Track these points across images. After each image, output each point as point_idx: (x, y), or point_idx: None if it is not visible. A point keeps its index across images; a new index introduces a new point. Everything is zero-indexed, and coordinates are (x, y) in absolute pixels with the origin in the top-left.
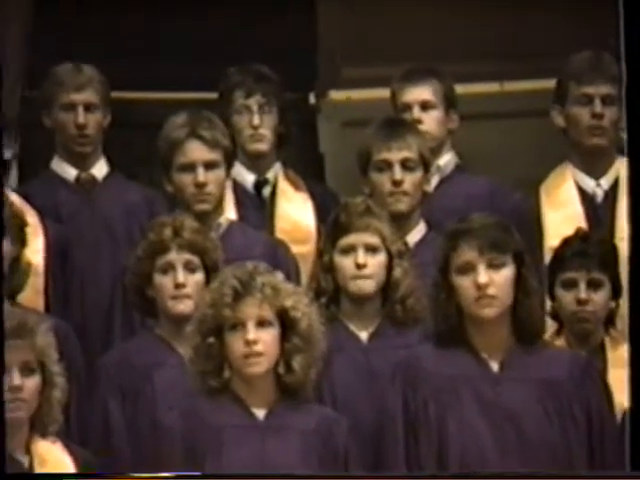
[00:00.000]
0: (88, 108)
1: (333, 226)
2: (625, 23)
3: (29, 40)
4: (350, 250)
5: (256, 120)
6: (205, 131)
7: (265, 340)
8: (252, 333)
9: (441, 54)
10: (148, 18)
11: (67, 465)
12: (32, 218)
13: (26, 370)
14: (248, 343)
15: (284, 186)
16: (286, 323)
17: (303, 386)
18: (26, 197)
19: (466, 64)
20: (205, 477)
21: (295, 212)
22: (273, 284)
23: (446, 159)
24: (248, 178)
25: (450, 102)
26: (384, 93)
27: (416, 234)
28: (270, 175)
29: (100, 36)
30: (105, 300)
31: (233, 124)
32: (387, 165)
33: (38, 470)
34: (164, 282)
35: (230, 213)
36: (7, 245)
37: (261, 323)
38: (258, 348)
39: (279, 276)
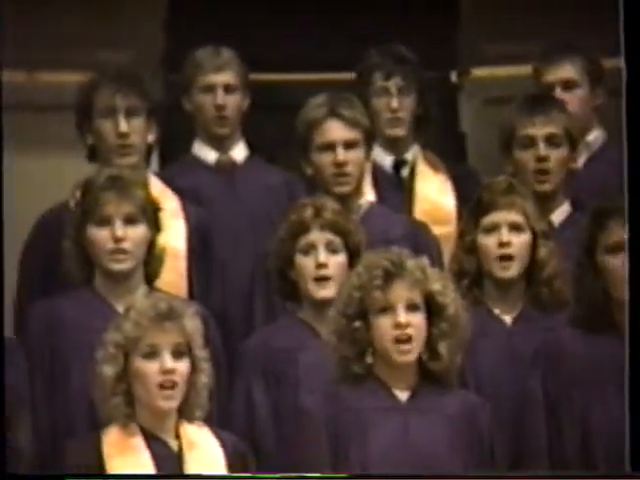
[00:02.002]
0: (227, 90)
1: (476, 206)
2: (625, 23)
3: (167, 25)
4: (493, 229)
5: (395, 103)
6: (345, 110)
7: (415, 324)
8: (403, 316)
9: (584, 28)
10: None
11: (215, 449)
12: (173, 202)
13: (177, 353)
14: (399, 326)
15: (423, 167)
16: (432, 308)
17: (448, 372)
18: (167, 181)
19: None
20: (218, 478)
21: (434, 193)
22: (422, 268)
23: (594, 135)
24: (386, 159)
25: (595, 78)
26: (526, 70)
27: (561, 214)
28: (409, 156)
29: (238, 18)
30: (246, 284)
31: (371, 106)
32: (531, 141)
33: (188, 454)
34: (306, 263)
35: (369, 195)
36: (143, 230)
37: (410, 307)
38: (409, 332)
39: (425, 260)
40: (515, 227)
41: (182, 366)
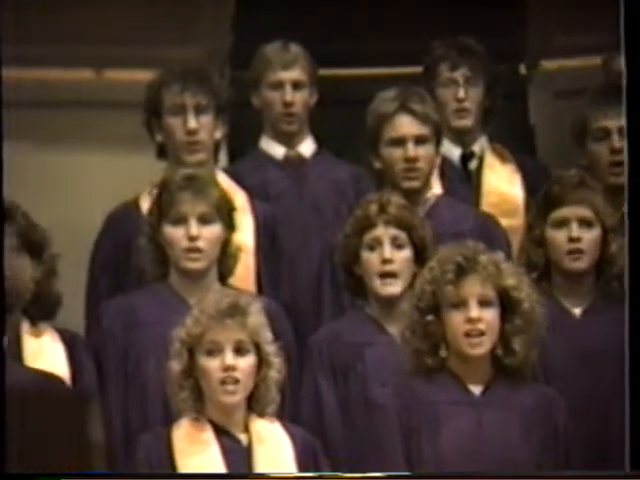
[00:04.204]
0: (295, 86)
1: (545, 199)
2: (625, 23)
3: (234, 21)
4: (563, 224)
5: (461, 93)
6: (416, 105)
7: (487, 319)
8: (475, 311)
9: None
10: None
11: (285, 443)
12: (241, 198)
13: (240, 350)
14: (470, 321)
15: (491, 159)
16: (506, 303)
17: (522, 367)
18: (236, 177)
19: None
20: (210, 477)
21: (503, 185)
22: (496, 263)
23: None
24: (454, 151)
25: None
26: (596, 61)
27: None
28: (476, 148)
29: (305, 13)
30: (314, 279)
31: (438, 97)
32: (605, 134)
33: (257, 448)
34: (371, 259)
35: (436, 188)
36: (217, 229)
37: (483, 302)
38: (481, 327)
39: (500, 255)
40: (585, 222)
41: (245, 362)
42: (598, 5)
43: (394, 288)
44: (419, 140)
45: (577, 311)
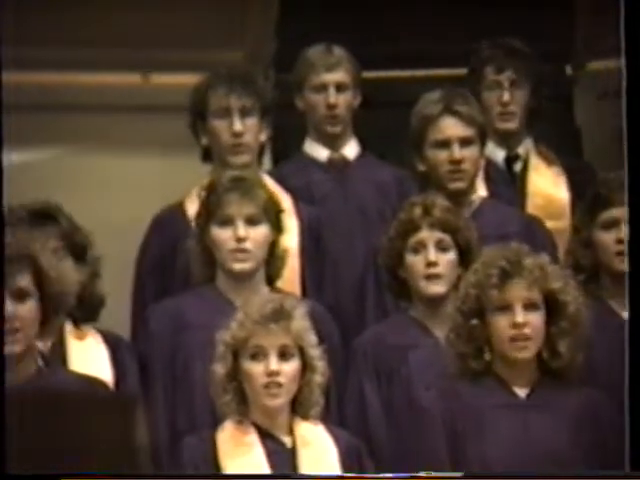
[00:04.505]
0: (339, 88)
1: (592, 201)
2: (625, 23)
3: (279, 25)
4: (612, 225)
5: (506, 97)
6: (461, 107)
7: (533, 323)
8: (520, 316)
9: None
10: None
11: (329, 446)
12: (285, 201)
13: (284, 355)
14: (516, 326)
15: (536, 161)
16: (552, 306)
17: (568, 370)
18: (280, 179)
19: None
20: (201, 477)
21: (548, 187)
22: (541, 265)
23: None
24: (499, 154)
25: None
26: None
27: None
28: (521, 150)
29: (348, 15)
30: (358, 281)
31: (483, 100)
32: None
33: (301, 451)
34: (416, 262)
35: (481, 190)
36: (264, 231)
37: (528, 306)
38: (526, 331)
39: (545, 258)
40: None
41: (289, 367)
42: None
43: (439, 287)
44: (464, 142)
45: (626, 313)
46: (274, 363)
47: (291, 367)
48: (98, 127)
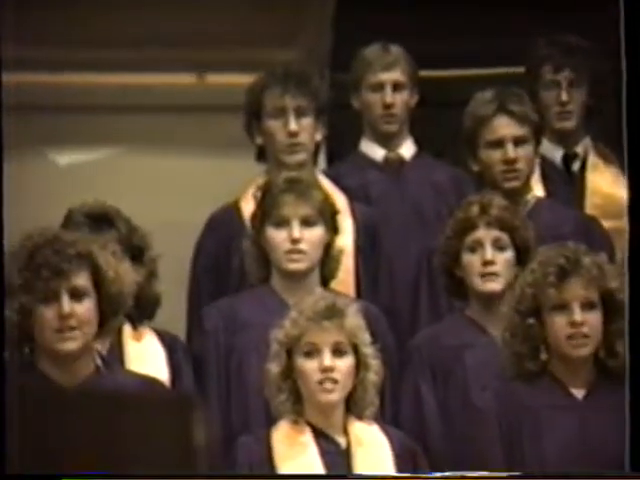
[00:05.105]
0: (396, 87)
1: None
2: (625, 23)
3: (335, 24)
4: None
5: (564, 96)
6: (514, 106)
7: (591, 322)
8: (578, 315)
9: None
10: None
11: (384, 446)
12: (340, 200)
13: (338, 352)
14: (574, 325)
15: (594, 160)
16: (609, 306)
17: (625, 370)
18: (335, 179)
19: None
20: (204, 477)
21: (607, 186)
22: (599, 264)
23: None
24: (556, 153)
25: None
26: None
27: None
28: (579, 149)
29: (404, 14)
30: (412, 281)
31: (540, 99)
32: None
33: (356, 450)
34: (472, 260)
35: (537, 190)
36: (320, 232)
37: (586, 305)
38: (584, 330)
39: (603, 256)
40: None
41: (343, 364)
42: None
43: (495, 285)
44: (518, 141)
45: None
46: (328, 359)
47: (345, 364)
48: (153, 128)
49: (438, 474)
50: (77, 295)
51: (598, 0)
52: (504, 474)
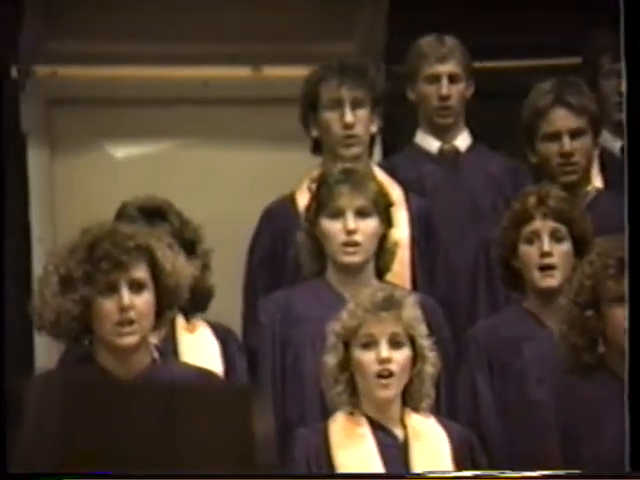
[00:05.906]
0: (452, 79)
1: None
2: (625, 23)
3: (390, 15)
4: None
5: (623, 86)
6: (572, 97)
7: None
8: None
9: None
10: None
11: (442, 439)
12: (396, 192)
13: (394, 343)
14: None
15: None
16: None
17: None
18: (391, 171)
19: None
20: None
21: None
22: None
23: None
24: (616, 144)
25: None
26: None
27: None
28: None
29: (459, 5)
30: (469, 273)
31: (600, 89)
32: None
33: (413, 443)
34: (530, 252)
35: (596, 182)
36: (374, 223)
37: None
38: None
39: None
40: None
41: (400, 355)
42: None
43: (553, 280)
44: (575, 133)
45: None
46: (385, 350)
47: (402, 356)
48: (209, 120)
49: (496, 472)
50: (136, 287)
51: None
52: (562, 472)
